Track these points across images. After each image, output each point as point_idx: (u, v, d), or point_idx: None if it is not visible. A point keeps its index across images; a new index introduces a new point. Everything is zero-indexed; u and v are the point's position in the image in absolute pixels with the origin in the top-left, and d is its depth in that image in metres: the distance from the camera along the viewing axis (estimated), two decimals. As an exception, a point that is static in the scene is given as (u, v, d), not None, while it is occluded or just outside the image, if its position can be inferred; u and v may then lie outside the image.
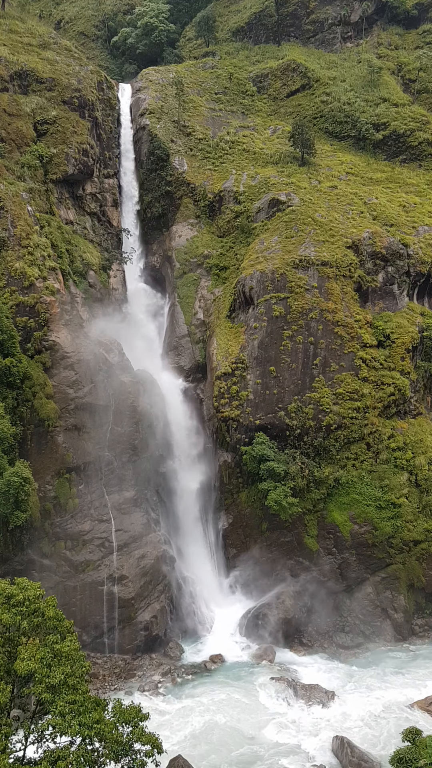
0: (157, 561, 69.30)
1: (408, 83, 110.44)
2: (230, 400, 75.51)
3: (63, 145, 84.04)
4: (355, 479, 74.43)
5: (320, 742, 53.32)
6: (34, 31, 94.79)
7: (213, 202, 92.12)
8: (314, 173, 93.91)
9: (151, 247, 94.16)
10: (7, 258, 71.06)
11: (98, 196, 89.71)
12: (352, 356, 77.41)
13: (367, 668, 64.94)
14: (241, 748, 52.54)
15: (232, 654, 67.27)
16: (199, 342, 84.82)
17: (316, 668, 65.07)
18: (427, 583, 73.00)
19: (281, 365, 76.00)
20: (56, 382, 69.46)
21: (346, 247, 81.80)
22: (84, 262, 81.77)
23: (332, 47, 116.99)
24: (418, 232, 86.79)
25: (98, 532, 68.15)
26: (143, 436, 73.37)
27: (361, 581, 72.46)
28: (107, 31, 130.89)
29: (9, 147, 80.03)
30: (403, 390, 77.90)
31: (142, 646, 66.38)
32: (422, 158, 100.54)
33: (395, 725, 54.67)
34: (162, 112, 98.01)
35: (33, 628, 34.45)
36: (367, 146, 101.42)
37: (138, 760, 32.63)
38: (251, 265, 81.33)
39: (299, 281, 78.44)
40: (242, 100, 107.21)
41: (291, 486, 71.47)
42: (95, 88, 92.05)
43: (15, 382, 65.60)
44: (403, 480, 74.91)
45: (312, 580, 71.87)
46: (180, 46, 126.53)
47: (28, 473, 61.68)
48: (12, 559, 64.27)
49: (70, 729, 30.99)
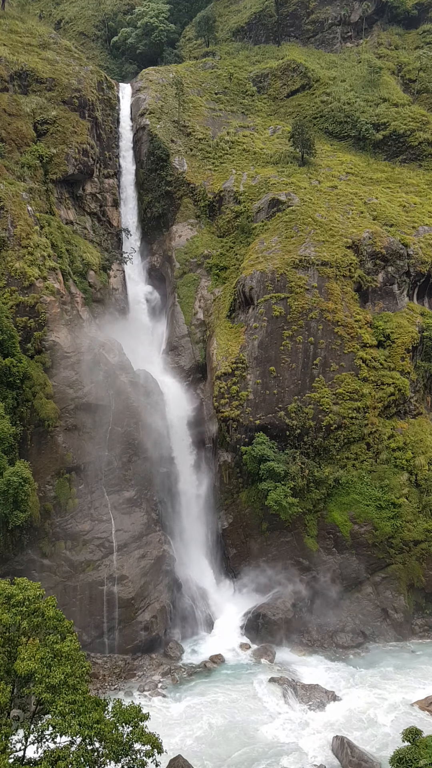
0: (157, 561, 69.30)
1: (408, 83, 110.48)
2: (230, 400, 75.52)
3: (63, 145, 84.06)
4: (355, 479, 74.44)
5: (320, 742, 53.30)
6: (34, 31, 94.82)
7: (213, 202, 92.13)
8: (314, 173, 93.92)
9: (151, 247, 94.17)
10: (7, 258, 71.06)
11: (98, 196, 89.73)
12: (352, 356, 77.42)
13: (367, 668, 64.94)
14: (241, 748, 52.53)
15: (232, 654, 67.28)
16: (199, 342, 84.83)
17: (316, 668, 65.06)
18: (427, 583, 73.01)
19: (281, 365, 76.00)
20: (56, 382, 69.45)
21: (346, 247, 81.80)
22: (84, 262, 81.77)
23: (332, 47, 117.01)
24: (418, 232, 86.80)
25: (98, 532, 68.15)
26: (143, 436, 73.35)
27: (361, 581, 72.47)
28: (107, 31, 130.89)
29: (9, 147, 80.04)
30: (403, 390, 77.91)
31: (142, 646, 66.37)
32: (422, 158, 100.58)
33: (395, 725, 54.66)
34: (162, 112, 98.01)
35: (33, 628, 34.43)
36: (367, 146, 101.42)
37: (138, 760, 32.62)
38: (251, 265, 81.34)
39: (299, 281, 78.45)
40: (242, 100, 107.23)
41: (291, 486, 71.47)
42: (95, 88, 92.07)
43: (15, 382, 65.59)
44: (403, 480, 74.92)
45: (312, 580, 71.90)
46: (180, 46, 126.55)
47: (28, 473, 61.67)
48: (12, 559, 64.27)
49: (70, 729, 30.97)
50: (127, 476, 71.49)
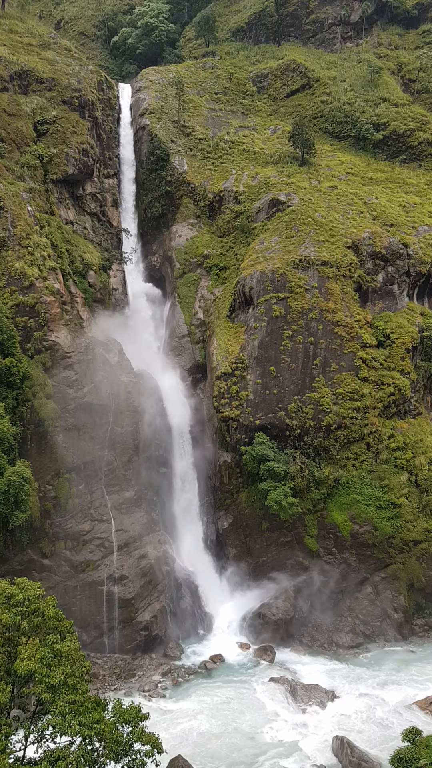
0: (157, 561, 69.31)
1: (408, 83, 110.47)
2: (230, 400, 75.52)
3: (63, 145, 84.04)
4: (355, 479, 74.45)
5: (320, 742, 53.31)
6: (34, 31, 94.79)
7: (213, 202, 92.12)
8: (314, 173, 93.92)
9: (151, 247, 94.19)
10: (7, 258, 71.06)
11: (98, 196, 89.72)
12: (352, 356, 77.42)
13: (367, 668, 64.96)
14: (241, 748, 52.54)
15: (232, 654, 67.28)
16: (199, 342, 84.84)
17: (316, 668, 65.08)
18: (427, 583, 73.02)
19: (281, 365, 76.00)
20: (56, 382, 69.46)
21: (346, 247, 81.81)
22: (84, 262, 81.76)
23: (332, 47, 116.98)
24: (418, 232, 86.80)
25: (98, 532, 68.16)
26: (143, 436, 73.36)
27: (361, 581, 72.48)
28: (107, 31, 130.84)
29: (9, 147, 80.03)
30: (403, 390, 77.92)
31: (142, 646, 66.38)
32: (422, 158, 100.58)
33: (395, 725, 54.68)
34: (162, 112, 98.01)
35: (33, 628, 34.44)
36: (367, 146, 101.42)
37: (138, 760, 32.63)
38: (251, 265, 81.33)
39: (299, 281, 78.45)
40: (242, 100, 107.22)
41: (291, 486, 71.49)
42: (95, 88, 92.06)
43: (15, 382, 65.57)
44: (403, 480, 74.93)
45: (312, 580, 71.90)
46: (180, 46, 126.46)
47: (29, 473, 61.67)
48: (12, 559, 64.28)
49: (70, 729, 30.99)
50: (127, 476, 71.50)
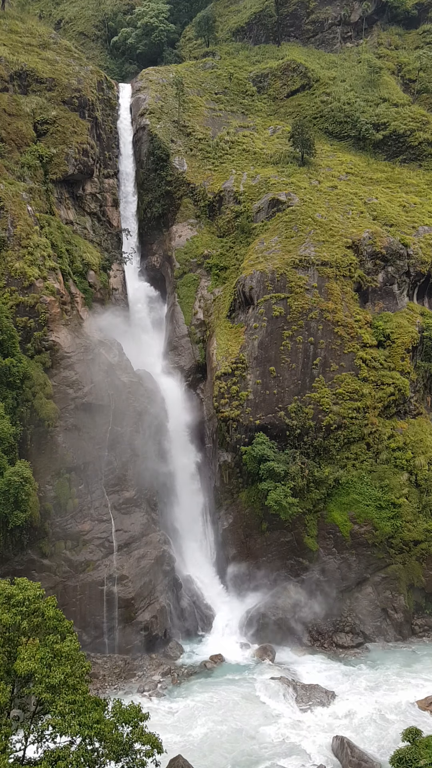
0: (157, 561, 69.30)
1: (408, 83, 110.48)
2: (230, 400, 75.51)
3: (63, 145, 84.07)
4: (355, 479, 74.43)
5: (320, 742, 53.28)
6: (34, 31, 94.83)
7: (213, 202, 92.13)
8: (314, 173, 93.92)
9: (151, 247, 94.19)
10: (7, 258, 71.08)
11: (98, 196, 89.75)
12: (352, 356, 77.42)
13: (367, 668, 64.91)
14: (241, 748, 52.50)
15: (232, 654, 67.26)
16: (199, 342, 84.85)
17: (316, 668, 65.07)
18: (427, 583, 73.00)
19: (281, 365, 76.00)
20: (56, 382, 69.46)
21: (346, 247, 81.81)
22: (84, 262, 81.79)
23: (332, 47, 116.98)
24: (418, 232, 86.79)
25: (98, 532, 68.15)
26: (143, 436, 73.37)
27: (361, 581, 72.46)
28: (107, 31, 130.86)
29: (9, 147, 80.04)
30: (403, 390, 77.92)
31: (142, 646, 66.36)
32: (422, 158, 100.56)
33: (395, 725, 54.64)
34: (162, 112, 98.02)
35: (33, 628, 34.43)
36: (367, 146, 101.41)
37: (138, 760, 32.63)
38: (251, 265, 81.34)
39: (299, 281, 78.45)
40: (242, 100, 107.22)
41: (291, 486, 71.46)
42: (95, 88, 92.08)
43: (15, 382, 65.60)
44: (403, 480, 74.92)
45: (312, 580, 71.87)
46: (180, 46, 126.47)
47: (29, 473, 61.72)
48: (12, 559, 64.29)
49: (70, 729, 30.99)
50: (127, 476, 71.49)
